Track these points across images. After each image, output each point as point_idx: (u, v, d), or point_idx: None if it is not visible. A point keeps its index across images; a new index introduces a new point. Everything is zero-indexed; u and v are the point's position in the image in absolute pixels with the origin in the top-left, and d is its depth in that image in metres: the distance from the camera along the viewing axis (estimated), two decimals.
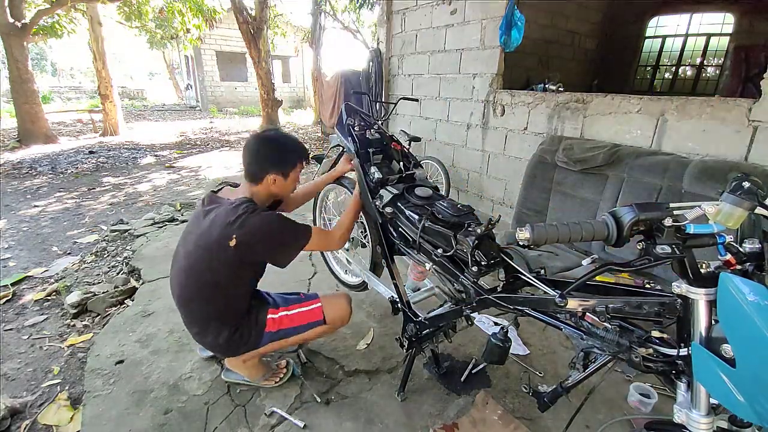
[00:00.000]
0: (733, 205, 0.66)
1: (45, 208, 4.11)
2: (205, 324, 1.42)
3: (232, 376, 1.64)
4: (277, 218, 1.34)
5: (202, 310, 1.41)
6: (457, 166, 4.11)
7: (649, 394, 1.56)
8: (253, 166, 1.39)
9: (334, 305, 1.56)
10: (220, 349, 1.48)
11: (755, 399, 0.62)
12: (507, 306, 1.11)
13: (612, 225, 0.76)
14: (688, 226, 0.72)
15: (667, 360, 0.81)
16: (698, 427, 0.75)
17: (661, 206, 0.74)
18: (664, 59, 6.43)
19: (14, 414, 1.53)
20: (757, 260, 0.70)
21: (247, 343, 1.45)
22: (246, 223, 1.27)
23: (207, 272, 1.34)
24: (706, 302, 0.73)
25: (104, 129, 8.73)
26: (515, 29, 3.21)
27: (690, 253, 0.74)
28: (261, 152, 1.39)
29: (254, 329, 1.45)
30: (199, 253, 1.34)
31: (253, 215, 1.29)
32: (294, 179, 1.47)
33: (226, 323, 1.42)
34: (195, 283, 1.37)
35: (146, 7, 9.85)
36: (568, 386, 1.05)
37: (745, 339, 0.63)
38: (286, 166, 1.41)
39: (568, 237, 0.79)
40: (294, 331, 1.51)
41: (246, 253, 1.31)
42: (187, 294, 1.41)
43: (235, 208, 1.30)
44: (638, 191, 2.42)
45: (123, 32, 13.33)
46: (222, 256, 1.30)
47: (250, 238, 1.28)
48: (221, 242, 1.28)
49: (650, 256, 0.75)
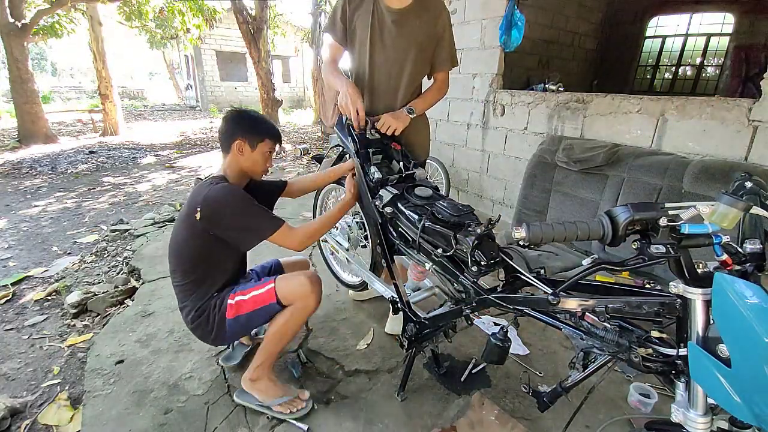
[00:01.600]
0: (727, 206, 0.66)
1: (45, 207, 4.11)
2: (182, 298, 1.45)
3: (244, 398, 1.53)
4: (241, 195, 1.35)
5: (180, 284, 1.44)
6: (457, 166, 4.11)
7: (649, 394, 1.56)
8: (223, 135, 1.42)
9: (289, 284, 1.41)
10: (192, 329, 1.47)
11: (751, 399, 0.62)
12: (506, 306, 1.11)
13: (607, 224, 0.76)
14: (683, 226, 0.72)
15: (666, 360, 0.81)
16: (696, 426, 0.75)
17: (656, 206, 0.74)
18: (664, 59, 6.44)
19: (14, 414, 1.53)
20: (758, 261, 0.69)
21: (213, 330, 1.41)
22: (210, 194, 1.31)
23: (183, 246, 1.41)
24: (702, 302, 0.73)
25: (104, 129, 8.73)
26: (515, 29, 3.22)
27: (686, 253, 0.74)
28: (232, 120, 1.43)
29: (217, 315, 1.41)
30: (178, 227, 1.43)
31: (217, 186, 1.33)
32: (263, 154, 1.44)
33: (196, 302, 1.42)
34: (175, 257, 1.44)
35: (146, 7, 9.85)
36: (567, 386, 1.05)
37: (739, 339, 0.63)
38: (253, 135, 1.40)
39: (563, 236, 0.80)
40: (253, 318, 1.42)
41: (209, 225, 1.34)
42: (171, 267, 1.46)
43: (205, 181, 1.39)
44: (638, 191, 2.42)
45: (123, 32, 13.33)
46: (192, 230, 1.36)
47: (212, 209, 1.32)
48: (190, 215, 1.34)
49: (645, 256, 0.75)
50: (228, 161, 1.42)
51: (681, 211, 0.73)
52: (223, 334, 1.43)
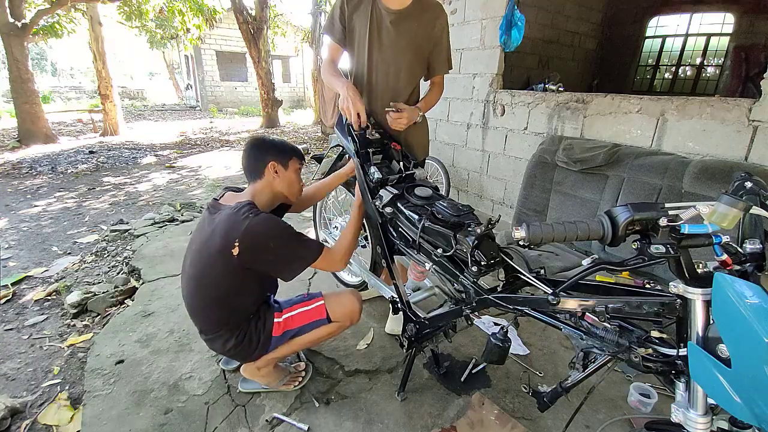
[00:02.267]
0: (727, 206, 0.66)
1: (45, 207, 4.11)
2: (214, 331, 1.41)
3: (249, 386, 1.60)
4: (281, 224, 1.30)
5: (210, 317, 1.40)
6: (457, 166, 4.11)
7: (649, 394, 1.56)
8: (251, 160, 1.39)
9: (339, 301, 1.51)
10: (230, 355, 1.48)
11: (751, 399, 0.61)
12: (506, 306, 1.12)
13: (607, 224, 0.76)
14: (683, 226, 0.72)
15: (666, 360, 0.81)
16: (696, 426, 0.75)
17: (656, 206, 0.74)
18: (664, 59, 6.43)
19: (14, 414, 1.53)
20: (758, 261, 0.69)
21: (256, 349, 1.44)
22: (248, 227, 1.22)
23: (212, 281, 1.32)
24: (702, 302, 0.73)
25: (104, 129, 8.73)
26: (515, 29, 3.21)
27: (686, 253, 0.74)
28: (257, 146, 1.41)
29: (262, 335, 1.43)
30: (203, 262, 1.32)
31: (256, 218, 1.24)
32: (296, 173, 1.45)
33: (234, 330, 1.40)
34: (201, 291, 1.35)
35: (146, 7, 9.85)
36: (567, 386, 1.05)
37: (739, 339, 0.63)
38: (283, 156, 1.40)
39: (563, 236, 0.79)
40: (300, 332, 1.48)
41: (249, 260, 1.26)
42: (195, 303, 1.39)
43: (236, 212, 1.26)
44: (638, 191, 2.42)
45: (123, 32, 13.33)
46: (227, 265, 1.26)
47: (252, 244, 1.24)
48: (224, 251, 1.24)
49: (645, 256, 0.75)
50: (259, 187, 1.38)
51: (681, 211, 0.73)
52: (266, 351, 1.46)
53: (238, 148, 7.87)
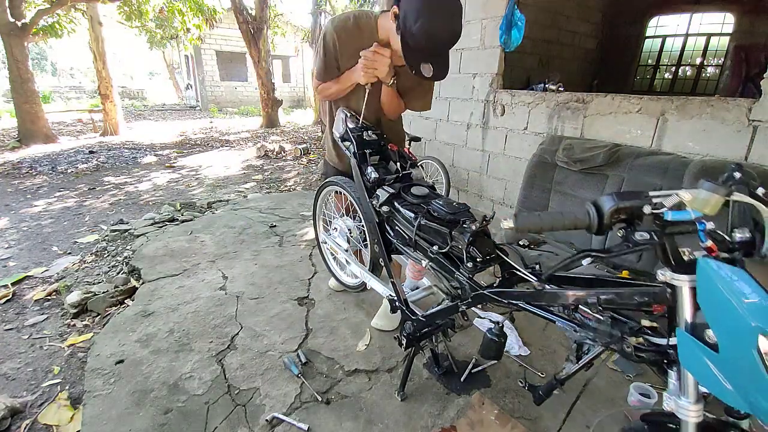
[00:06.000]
0: (709, 192, 0.68)
1: (45, 207, 4.11)
2: None
3: None
4: None
5: None
6: (457, 165, 4.11)
7: (649, 394, 1.56)
8: None
9: None
10: None
11: (742, 386, 0.61)
12: (501, 300, 1.12)
13: (593, 213, 0.77)
14: (666, 213, 0.73)
15: (658, 349, 0.82)
16: (687, 414, 0.75)
17: (640, 194, 0.76)
18: (664, 59, 6.43)
19: (14, 414, 1.53)
20: (747, 249, 0.70)
21: None
22: None
23: None
24: (689, 288, 0.74)
25: (104, 129, 8.74)
26: (515, 29, 3.21)
27: (671, 239, 0.75)
28: None
29: None
30: None
31: None
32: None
33: None
34: None
35: (146, 6, 9.85)
36: (562, 378, 1.05)
37: (725, 323, 0.63)
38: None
39: (551, 225, 0.81)
40: None
41: None
42: None
43: None
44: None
45: (123, 32, 13.32)
46: None
47: None
48: None
49: (630, 243, 0.76)
50: None
51: (664, 198, 0.74)
52: None
53: (238, 147, 7.88)
